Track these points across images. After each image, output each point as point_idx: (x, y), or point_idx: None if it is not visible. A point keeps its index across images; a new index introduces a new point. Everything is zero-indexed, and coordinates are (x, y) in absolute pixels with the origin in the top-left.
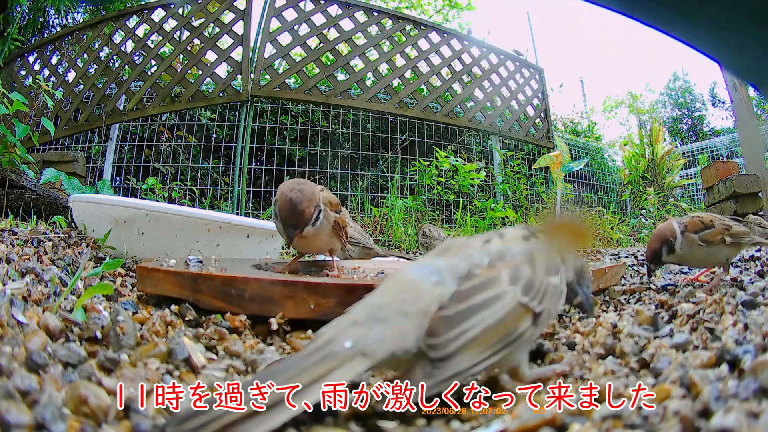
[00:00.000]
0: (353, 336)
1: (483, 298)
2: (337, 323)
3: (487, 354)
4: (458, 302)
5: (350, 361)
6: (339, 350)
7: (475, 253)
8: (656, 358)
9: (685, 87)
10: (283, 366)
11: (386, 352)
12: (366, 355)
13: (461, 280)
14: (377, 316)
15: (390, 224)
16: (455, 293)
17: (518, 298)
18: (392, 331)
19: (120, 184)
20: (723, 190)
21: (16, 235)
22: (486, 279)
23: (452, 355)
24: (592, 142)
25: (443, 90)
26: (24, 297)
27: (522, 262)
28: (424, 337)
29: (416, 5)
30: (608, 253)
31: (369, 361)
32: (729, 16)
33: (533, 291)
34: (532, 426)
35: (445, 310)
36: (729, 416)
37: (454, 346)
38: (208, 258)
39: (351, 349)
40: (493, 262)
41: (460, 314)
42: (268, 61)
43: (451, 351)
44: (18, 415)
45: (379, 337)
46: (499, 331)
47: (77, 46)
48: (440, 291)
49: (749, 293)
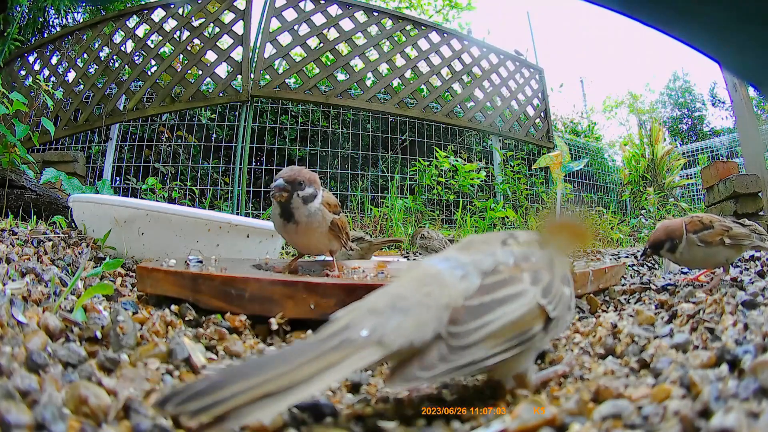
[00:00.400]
0: (371, 324)
1: (506, 293)
2: (354, 309)
3: (502, 348)
4: (483, 295)
5: (365, 349)
6: (355, 338)
7: (500, 252)
8: (656, 358)
9: (685, 87)
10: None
11: (404, 342)
12: (382, 344)
13: (485, 275)
14: (398, 306)
15: (390, 224)
16: (481, 286)
17: (538, 298)
18: (413, 321)
19: (120, 184)
20: (723, 190)
21: (16, 235)
22: (509, 276)
23: (472, 345)
24: (592, 142)
25: (443, 90)
26: (24, 297)
27: (543, 267)
28: (446, 325)
29: (416, 5)
30: (608, 253)
31: (384, 351)
32: (729, 16)
33: (551, 295)
34: (532, 426)
35: (470, 300)
36: (729, 416)
37: (475, 337)
38: (208, 258)
39: (368, 338)
40: (518, 261)
41: (484, 306)
42: (268, 61)
43: (472, 341)
44: (18, 415)
45: (397, 326)
46: (517, 327)
47: (77, 46)
48: (465, 285)
49: (749, 293)
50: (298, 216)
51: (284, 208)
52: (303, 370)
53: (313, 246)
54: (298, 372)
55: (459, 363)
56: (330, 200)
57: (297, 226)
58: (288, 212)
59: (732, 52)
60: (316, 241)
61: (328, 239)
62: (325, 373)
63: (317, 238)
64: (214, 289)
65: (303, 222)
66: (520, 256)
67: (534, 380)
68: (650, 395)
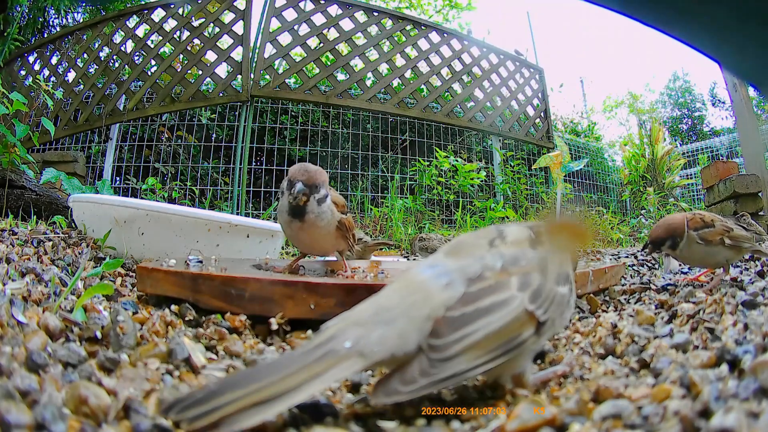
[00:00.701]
0: (354, 336)
1: (490, 302)
2: (342, 320)
3: (486, 359)
4: (465, 304)
5: (347, 360)
6: (338, 349)
7: (489, 256)
8: (656, 358)
9: (685, 87)
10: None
11: (386, 353)
12: (364, 355)
13: (471, 281)
14: (382, 317)
15: (390, 224)
16: (464, 295)
17: (525, 304)
18: (394, 332)
19: (120, 184)
20: (723, 190)
21: (16, 235)
22: (495, 283)
23: (452, 358)
24: (592, 142)
25: (443, 90)
26: (24, 297)
27: (533, 269)
28: (426, 338)
29: (416, 5)
30: (608, 253)
31: (366, 362)
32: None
33: (540, 299)
34: (532, 426)
35: (451, 311)
36: (729, 416)
37: (455, 349)
38: (208, 258)
39: (350, 349)
40: (506, 266)
41: (465, 316)
42: (268, 61)
43: (452, 354)
44: (18, 415)
45: (380, 338)
46: (502, 337)
47: (77, 46)
48: (449, 294)
49: (749, 293)
50: (309, 216)
51: (297, 209)
52: (290, 380)
53: (320, 246)
54: (285, 382)
55: (440, 377)
56: (338, 200)
57: (306, 226)
58: (300, 212)
59: (732, 52)
60: (323, 240)
61: (335, 239)
62: (310, 383)
63: (325, 238)
64: (214, 289)
65: (313, 222)
66: (509, 259)
67: (532, 380)
68: (650, 395)
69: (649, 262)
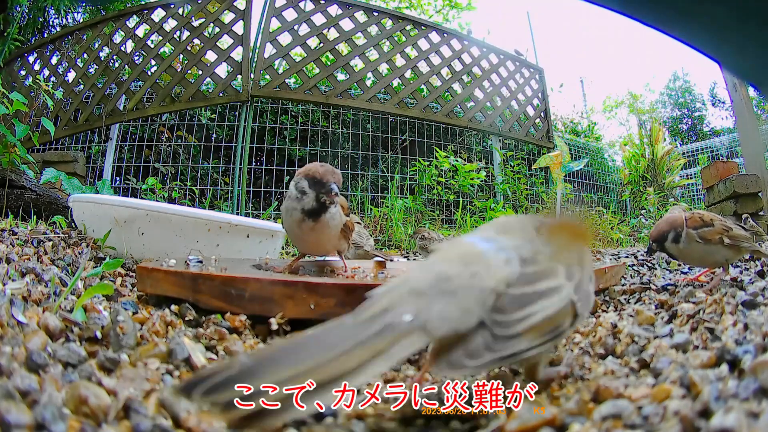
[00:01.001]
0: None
1: (546, 286)
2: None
3: (539, 342)
4: (524, 285)
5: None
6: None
7: (537, 240)
8: (656, 358)
9: (685, 87)
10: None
11: (449, 329)
12: (427, 331)
13: (524, 262)
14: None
15: (390, 224)
16: (521, 274)
17: (571, 295)
18: (459, 306)
19: (120, 184)
20: (723, 190)
21: (16, 235)
22: (547, 268)
23: (516, 336)
24: (592, 142)
25: (443, 90)
26: (24, 297)
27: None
28: (489, 312)
29: (416, 5)
30: (608, 253)
31: (427, 338)
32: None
33: (581, 292)
34: (532, 426)
35: (513, 288)
36: (729, 416)
37: (519, 327)
38: (208, 258)
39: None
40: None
41: (526, 296)
42: (268, 61)
43: (517, 332)
44: (18, 415)
45: (443, 312)
46: (553, 322)
47: (77, 46)
48: (510, 270)
49: (749, 293)
50: (325, 216)
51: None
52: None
53: (324, 246)
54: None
55: (504, 353)
56: (343, 202)
57: (319, 227)
58: (317, 213)
59: (732, 52)
60: (328, 240)
61: (338, 239)
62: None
63: (331, 238)
64: (214, 289)
65: (326, 222)
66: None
67: (542, 375)
68: (650, 395)
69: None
